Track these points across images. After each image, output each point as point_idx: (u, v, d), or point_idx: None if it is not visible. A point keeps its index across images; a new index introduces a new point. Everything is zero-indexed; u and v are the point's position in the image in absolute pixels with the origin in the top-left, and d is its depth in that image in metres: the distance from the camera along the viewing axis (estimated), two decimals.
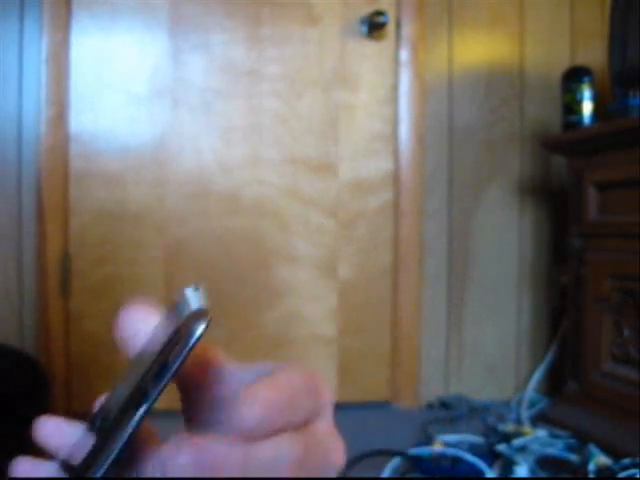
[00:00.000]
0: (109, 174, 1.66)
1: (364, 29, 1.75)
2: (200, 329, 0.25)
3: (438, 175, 1.82)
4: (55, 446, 0.30)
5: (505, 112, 1.85)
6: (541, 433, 1.43)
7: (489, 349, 1.86)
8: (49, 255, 1.63)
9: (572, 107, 1.58)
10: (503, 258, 1.86)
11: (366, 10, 1.75)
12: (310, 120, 1.75)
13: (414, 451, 1.33)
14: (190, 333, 0.25)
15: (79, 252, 1.66)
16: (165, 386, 0.26)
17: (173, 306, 0.26)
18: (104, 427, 0.26)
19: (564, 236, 1.67)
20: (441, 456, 1.31)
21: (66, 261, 1.65)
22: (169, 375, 0.26)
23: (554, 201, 1.87)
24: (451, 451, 1.31)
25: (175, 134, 1.69)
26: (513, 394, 1.85)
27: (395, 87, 1.79)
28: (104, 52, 1.66)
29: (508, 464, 1.26)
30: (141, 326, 0.28)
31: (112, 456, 0.25)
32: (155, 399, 0.26)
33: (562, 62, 1.84)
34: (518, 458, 1.26)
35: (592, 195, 1.51)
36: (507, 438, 1.39)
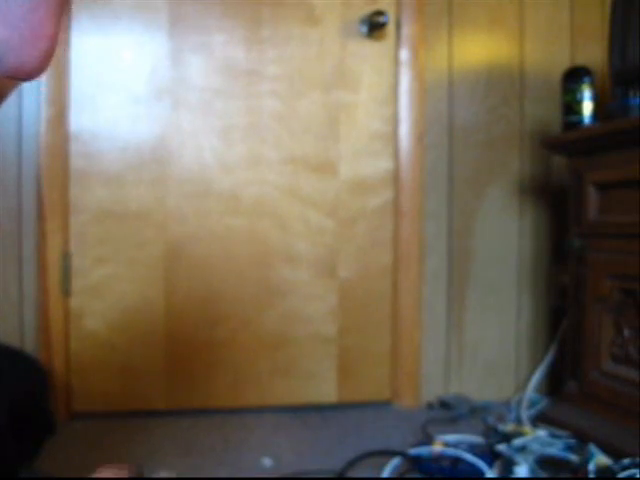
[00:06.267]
0: (109, 173, 1.66)
1: (364, 29, 1.75)
2: None
3: (438, 175, 1.82)
4: None
5: (505, 112, 1.85)
6: (541, 433, 1.43)
7: (489, 349, 1.86)
8: (49, 254, 1.63)
9: (572, 107, 1.58)
10: (503, 258, 1.86)
11: (366, 10, 1.75)
12: (310, 120, 1.75)
13: (414, 451, 1.33)
14: None
15: (79, 251, 1.66)
16: None
17: None
18: None
19: (564, 236, 1.67)
20: (441, 456, 1.31)
21: (66, 260, 1.65)
22: None
23: (554, 201, 1.87)
24: (451, 451, 1.31)
25: (175, 134, 1.69)
26: (513, 394, 1.85)
27: (395, 87, 1.79)
28: (104, 52, 1.66)
29: (508, 464, 1.26)
30: None
31: None
32: None
33: (562, 62, 1.85)
34: (518, 458, 1.26)
35: (592, 195, 1.51)
36: (507, 438, 1.39)
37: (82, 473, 1.28)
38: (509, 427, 1.47)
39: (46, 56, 0.30)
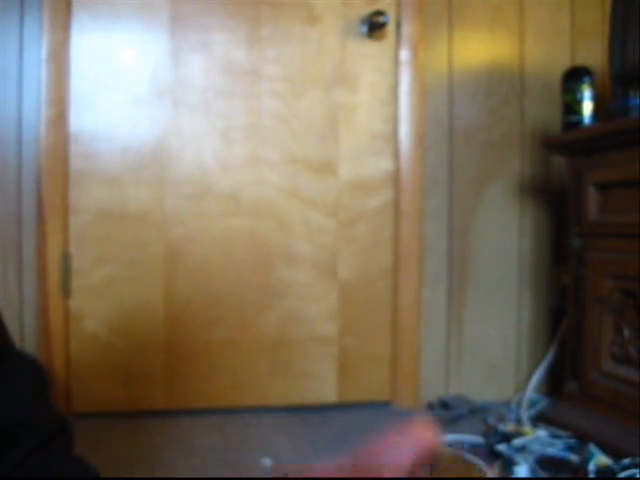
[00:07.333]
0: (109, 174, 1.66)
1: (364, 29, 1.75)
2: None
3: (438, 175, 1.82)
4: None
5: (505, 112, 1.85)
6: (541, 433, 1.43)
7: (489, 349, 1.86)
8: (49, 255, 1.63)
9: (572, 107, 1.58)
10: (503, 258, 1.86)
11: (366, 10, 1.75)
12: (310, 120, 1.75)
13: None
14: None
15: (79, 252, 1.66)
16: None
17: None
18: None
19: (564, 236, 1.67)
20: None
21: (66, 261, 1.65)
22: None
23: (554, 201, 1.87)
24: (451, 451, 1.31)
25: (175, 134, 1.69)
26: (513, 394, 1.85)
27: (395, 87, 1.79)
28: (104, 52, 1.66)
29: (508, 464, 1.26)
30: None
31: None
32: None
33: (562, 62, 1.85)
34: (518, 458, 1.26)
35: (592, 195, 1.51)
36: (507, 438, 1.39)
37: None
38: (509, 427, 1.47)
39: None
